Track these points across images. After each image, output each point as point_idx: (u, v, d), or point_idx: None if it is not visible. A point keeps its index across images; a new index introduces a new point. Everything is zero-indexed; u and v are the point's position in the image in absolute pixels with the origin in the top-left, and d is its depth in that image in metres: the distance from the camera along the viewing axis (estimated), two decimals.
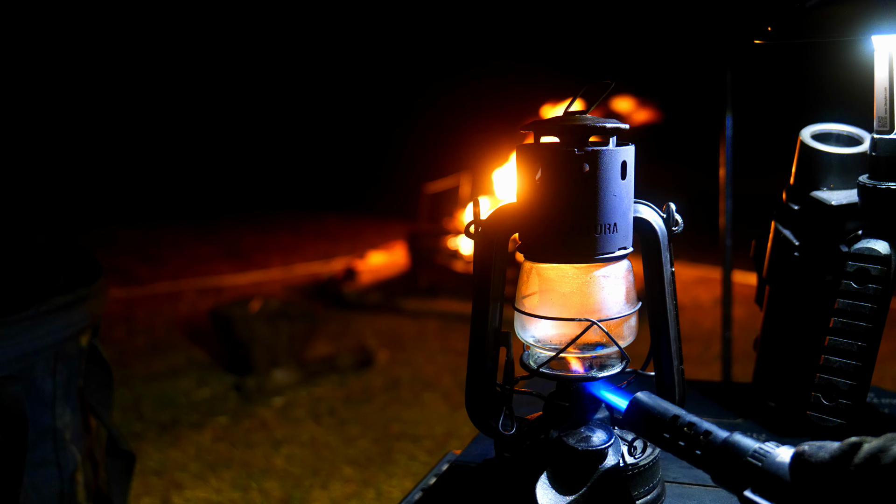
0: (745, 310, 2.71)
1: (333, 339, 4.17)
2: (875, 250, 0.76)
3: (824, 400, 0.76)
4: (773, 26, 0.73)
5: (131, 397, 3.41)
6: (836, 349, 0.77)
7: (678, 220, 0.67)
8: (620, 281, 0.65)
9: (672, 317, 0.68)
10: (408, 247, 5.14)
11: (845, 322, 0.77)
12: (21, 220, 6.78)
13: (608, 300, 0.65)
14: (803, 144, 0.89)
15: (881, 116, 0.75)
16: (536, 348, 0.67)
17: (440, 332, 4.26)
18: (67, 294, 1.42)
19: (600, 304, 0.64)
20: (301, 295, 4.95)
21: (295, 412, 3.30)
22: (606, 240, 0.61)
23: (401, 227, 6.06)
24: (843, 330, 0.77)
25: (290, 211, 7.80)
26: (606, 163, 0.60)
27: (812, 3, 0.69)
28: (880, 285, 0.75)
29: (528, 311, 0.65)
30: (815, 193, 0.85)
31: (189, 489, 2.68)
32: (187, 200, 7.94)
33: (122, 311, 4.64)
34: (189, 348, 4.06)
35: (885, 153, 0.76)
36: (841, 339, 0.77)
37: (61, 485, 1.43)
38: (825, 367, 0.77)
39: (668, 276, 0.67)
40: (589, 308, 0.64)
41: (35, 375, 1.37)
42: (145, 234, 6.84)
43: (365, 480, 2.72)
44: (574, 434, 0.63)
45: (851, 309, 0.76)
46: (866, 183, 0.77)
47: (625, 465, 0.63)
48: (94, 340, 1.52)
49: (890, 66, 0.73)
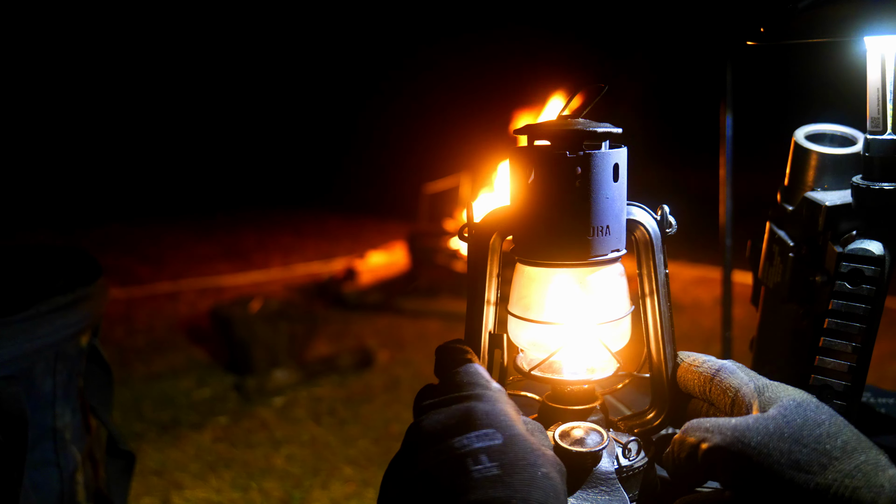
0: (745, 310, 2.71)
1: (333, 339, 4.18)
2: (869, 251, 0.76)
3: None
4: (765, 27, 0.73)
5: (131, 397, 3.41)
6: (831, 350, 0.77)
7: (672, 222, 0.67)
8: (613, 284, 0.65)
9: (666, 318, 0.68)
10: (408, 247, 5.14)
11: (839, 323, 0.77)
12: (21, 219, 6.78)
13: (600, 304, 0.65)
14: (797, 145, 0.89)
15: (874, 117, 0.76)
16: (529, 351, 0.67)
17: (440, 332, 4.27)
18: (67, 294, 1.42)
19: (592, 307, 0.65)
20: (301, 295, 4.96)
21: (295, 412, 3.31)
22: (599, 242, 0.62)
23: (401, 227, 6.06)
24: (837, 331, 0.77)
25: (290, 211, 7.80)
26: (598, 165, 0.60)
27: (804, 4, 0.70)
28: (874, 286, 0.76)
29: (521, 315, 0.66)
30: (809, 194, 0.85)
31: (189, 489, 2.68)
32: (187, 200, 7.94)
33: (122, 311, 4.65)
34: (189, 348, 4.07)
35: (879, 153, 0.76)
36: (835, 340, 0.77)
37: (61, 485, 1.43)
38: (820, 368, 0.78)
39: (661, 277, 0.68)
40: (581, 311, 0.65)
41: (35, 375, 1.38)
42: (145, 233, 6.84)
43: (365, 480, 2.72)
44: (568, 436, 0.64)
45: (845, 310, 0.76)
46: (860, 183, 0.77)
47: (619, 466, 0.63)
48: (94, 340, 1.53)
49: (882, 66, 0.73)
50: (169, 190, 8.19)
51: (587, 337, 0.65)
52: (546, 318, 0.65)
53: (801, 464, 0.51)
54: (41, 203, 7.36)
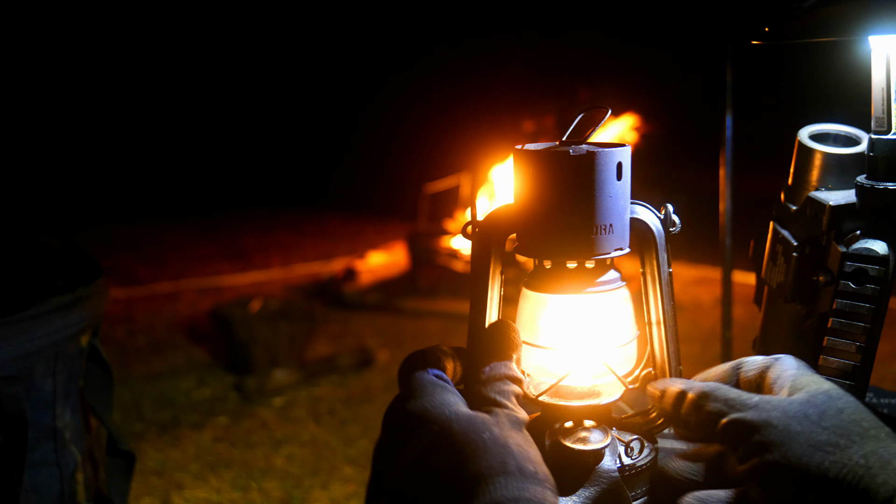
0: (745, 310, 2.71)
1: (333, 339, 4.18)
2: (873, 250, 0.76)
3: None
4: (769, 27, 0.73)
5: (131, 397, 3.41)
6: (835, 350, 0.77)
7: (675, 220, 0.67)
8: (618, 308, 0.65)
9: (670, 317, 0.68)
10: (408, 247, 5.14)
11: (843, 322, 0.77)
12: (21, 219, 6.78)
13: (606, 329, 0.65)
14: (801, 145, 0.89)
15: (878, 117, 0.75)
16: (536, 375, 0.67)
17: (440, 332, 4.27)
18: (67, 294, 1.42)
19: (598, 333, 0.65)
20: (301, 295, 4.96)
21: (295, 412, 3.30)
22: (603, 240, 0.62)
23: (401, 227, 6.07)
24: (841, 330, 0.77)
25: (290, 211, 7.80)
26: (602, 164, 0.60)
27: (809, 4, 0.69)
28: (878, 285, 0.75)
29: (526, 341, 0.65)
30: (813, 193, 0.85)
31: (189, 489, 2.68)
32: (188, 200, 7.94)
33: (122, 311, 4.64)
34: (189, 348, 4.07)
35: (883, 153, 0.76)
36: (839, 340, 0.77)
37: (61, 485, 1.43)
38: (823, 368, 0.77)
39: (665, 276, 0.67)
40: (587, 337, 0.65)
41: (35, 375, 1.37)
42: (145, 234, 6.84)
43: (365, 480, 2.71)
44: (570, 434, 0.63)
45: (849, 309, 0.76)
46: (864, 183, 0.77)
47: (622, 465, 0.63)
48: (94, 340, 1.52)
49: (887, 66, 0.73)
50: (169, 190, 8.19)
51: (593, 362, 0.65)
52: (552, 344, 0.65)
53: (820, 444, 0.51)
54: (41, 203, 7.36)
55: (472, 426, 0.52)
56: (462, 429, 0.52)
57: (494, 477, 0.49)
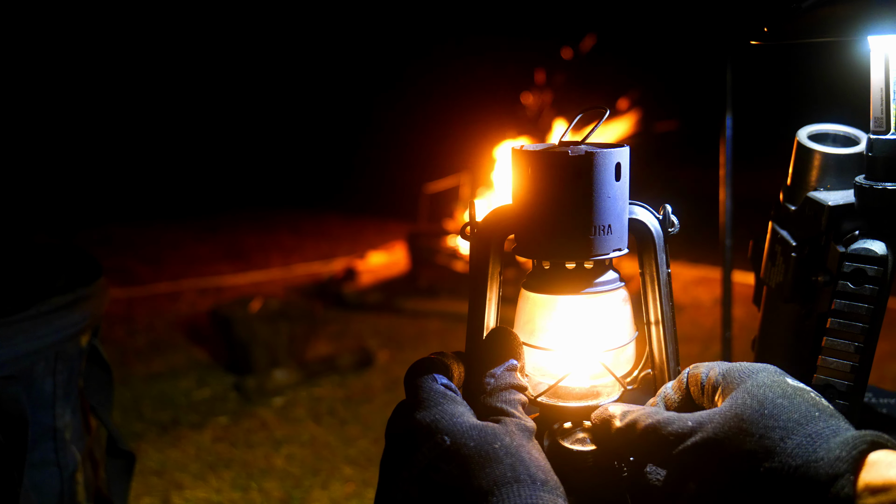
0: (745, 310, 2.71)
1: (333, 339, 4.18)
2: (872, 251, 0.76)
3: None
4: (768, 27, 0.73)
5: (131, 397, 3.41)
6: (833, 350, 0.77)
7: (674, 221, 0.67)
8: (616, 310, 0.65)
9: (668, 318, 0.68)
10: (408, 247, 5.14)
11: (842, 323, 0.77)
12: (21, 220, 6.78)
13: (605, 331, 0.65)
14: (800, 145, 0.89)
15: (877, 117, 0.75)
16: (535, 376, 0.67)
17: (440, 332, 4.27)
18: (67, 294, 1.42)
19: (597, 334, 0.65)
20: (301, 295, 4.96)
21: (295, 412, 3.30)
22: (601, 241, 0.62)
23: (401, 227, 6.07)
24: (839, 330, 0.77)
25: (290, 211, 7.80)
26: (600, 165, 0.60)
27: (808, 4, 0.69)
28: (877, 286, 0.75)
29: (525, 342, 0.65)
30: (812, 194, 0.85)
31: (189, 489, 2.68)
32: (187, 200, 7.94)
33: (122, 311, 4.65)
34: (189, 348, 4.07)
35: (882, 153, 0.76)
36: (838, 340, 0.77)
37: (61, 485, 1.43)
38: (822, 368, 0.77)
39: (664, 277, 0.67)
40: (586, 338, 0.65)
41: (35, 375, 1.37)
42: (145, 233, 6.85)
43: (365, 480, 2.72)
44: (569, 434, 0.64)
45: (848, 310, 0.76)
46: (863, 183, 0.77)
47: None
48: (94, 340, 1.53)
49: (886, 66, 0.73)
50: (169, 190, 8.19)
51: (592, 363, 0.65)
52: (550, 345, 0.65)
53: (752, 452, 0.52)
54: (41, 203, 7.36)
55: (482, 436, 0.53)
56: (473, 439, 0.53)
57: (507, 486, 0.50)
